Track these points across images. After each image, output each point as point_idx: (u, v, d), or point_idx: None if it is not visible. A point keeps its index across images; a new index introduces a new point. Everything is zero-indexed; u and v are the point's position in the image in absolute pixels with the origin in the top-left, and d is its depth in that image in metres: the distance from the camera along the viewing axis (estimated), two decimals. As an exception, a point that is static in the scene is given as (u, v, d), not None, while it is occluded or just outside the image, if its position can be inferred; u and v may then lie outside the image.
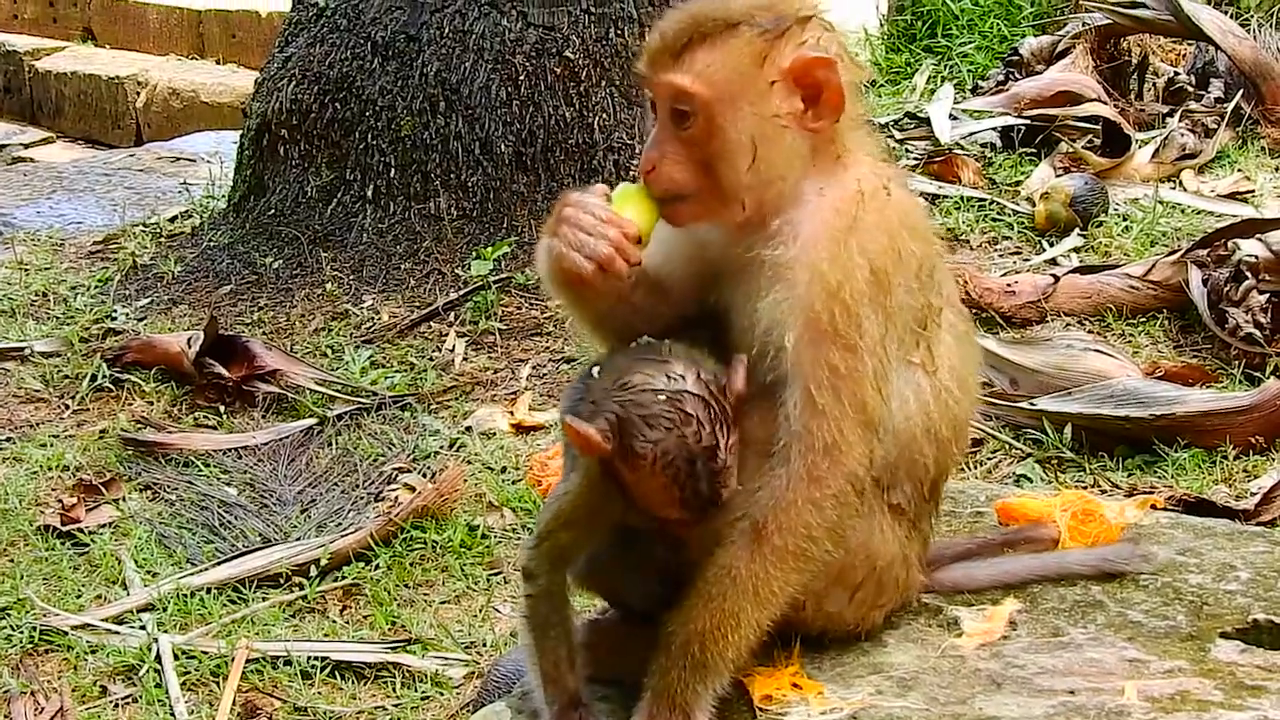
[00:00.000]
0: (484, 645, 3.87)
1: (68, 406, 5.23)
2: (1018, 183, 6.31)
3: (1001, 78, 7.25)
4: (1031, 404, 4.63)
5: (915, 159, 6.52)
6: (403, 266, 5.92)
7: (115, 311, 5.89)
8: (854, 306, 2.28)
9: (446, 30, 6.08)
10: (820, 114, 2.36)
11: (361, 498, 4.63)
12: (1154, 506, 2.93)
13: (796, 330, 2.29)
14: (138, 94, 11.25)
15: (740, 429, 2.28)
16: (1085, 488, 4.28)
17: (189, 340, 5.31)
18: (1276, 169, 6.47)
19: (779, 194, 2.37)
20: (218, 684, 3.73)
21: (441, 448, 4.83)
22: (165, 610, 4.02)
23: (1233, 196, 6.21)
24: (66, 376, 5.41)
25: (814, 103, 2.36)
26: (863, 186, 2.36)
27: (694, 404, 2.22)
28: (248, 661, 3.77)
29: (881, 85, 7.85)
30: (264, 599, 4.10)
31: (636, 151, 5.81)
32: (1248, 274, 5.01)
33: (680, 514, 2.24)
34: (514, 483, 4.59)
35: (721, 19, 2.37)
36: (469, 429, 4.94)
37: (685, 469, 2.20)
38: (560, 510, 2.37)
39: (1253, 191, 6.24)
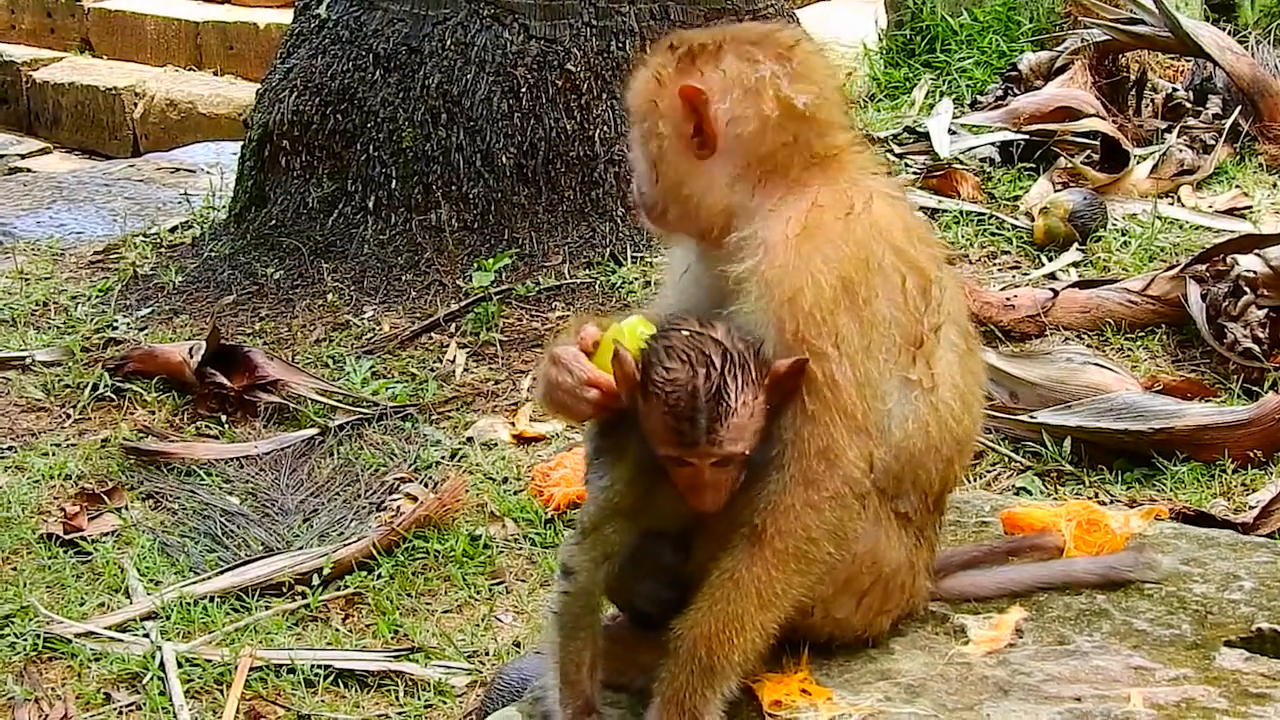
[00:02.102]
0: (486, 654, 3.88)
1: (69, 415, 5.24)
2: (1016, 197, 6.33)
3: (1000, 93, 7.28)
4: (1031, 417, 4.65)
5: (914, 173, 6.55)
6: (404, 278, 5.93)
7: (116, 321, 5.90)
8: (819, 314, 2.30)
9: (448, 42, 6.10)
10: (704, 143, 2.41)
11: (363, 507, 4.64)
12: (1159, 516, 2.95)
13: (769, 341, 2.33)
14: (135, 105, 11.27)
15: None
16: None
17: (190, 350, 5.32)
18: (1274, 185, 6.50)
19: (713, 210, 2.44)
20: (221, 692, 3.73)
21: (443, 458, 4.84)
22: (168, 618, 4.03)
23: (1230, 212, 6.24)
24: (68, 386, 5.41)
25: (699, 131, 2.42)
26: (820, 199, 2.38)
27: (714, 349, 2.28)
28: (251, 670, 3.77)
29: (880, 100, 7.89)
30: (267, 608, 4.10)
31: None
32: (1246, 289, 5.03)
33: (674, 450, 2.27)
34: (515, 493, 4.60)
35: (670, 41, 2.50)
36: (470, 439, 4.94)
37: (687, 402, 2.25)
38: (608, 500, 2.38)
39: (1250, 207, 6.27)
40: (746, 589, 2.29)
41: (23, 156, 10.73)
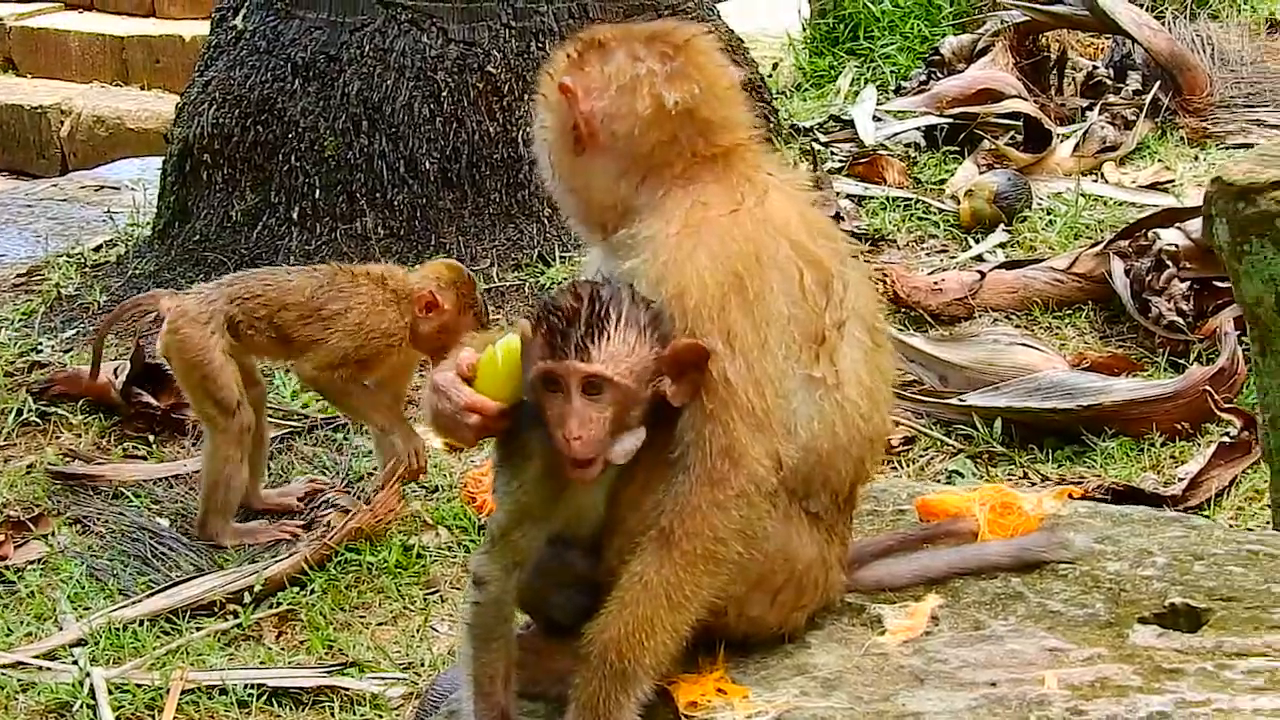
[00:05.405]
0: (422, 665, 3.86)
1: (-7, 443, 5.17)
2: (942, 181, 6.37)
3: (923, 78, 7.33)
4: (961, 400, 4.67)
5: (840, 161, 6.57)
6: (331, 288, 5.88)
7: (40, 344, 5.82)
8: (706, 311, 2.28)
9: (367, 49, 6.06)
10: (579, 139, 2.43)
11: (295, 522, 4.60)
12: (1071, 496, 2.95)
13: None
14: (61, 123, 11.13)
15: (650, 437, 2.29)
16: (1016, 480, 4.32)
17: (116, 370, 5.26)
18: (1195, 158, 6.56)
19: (603, 204, 2.46)
20: (153, 717, 3.69)
21: (375, 469, 4.81)
22: (98, 644, 3.98)
23: (1154, 187, 6.30)
24: (-9, 412, 5.34)
25: (576, 128, 2.42)
26: (704, 197, 2.37)
27: (601, 289, 2.28)
28: (183, 692, 3.73)
29: (806, 89, 7.90)
30: (198, 629, 4.06)
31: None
32: (1169, 263, 5.08)
33: (544, 362, 2.26)
34: (449, 501, 4.58)
35: (581, 34, 2.51)
36: (402, 448, 4.91)
37: (563, 316, 2.26)
38: (515, 504, 2.35)
39: (1173, 181, 6.32)
40: (656, 592, 2.27)
41: (-51, 179, 10.59)
